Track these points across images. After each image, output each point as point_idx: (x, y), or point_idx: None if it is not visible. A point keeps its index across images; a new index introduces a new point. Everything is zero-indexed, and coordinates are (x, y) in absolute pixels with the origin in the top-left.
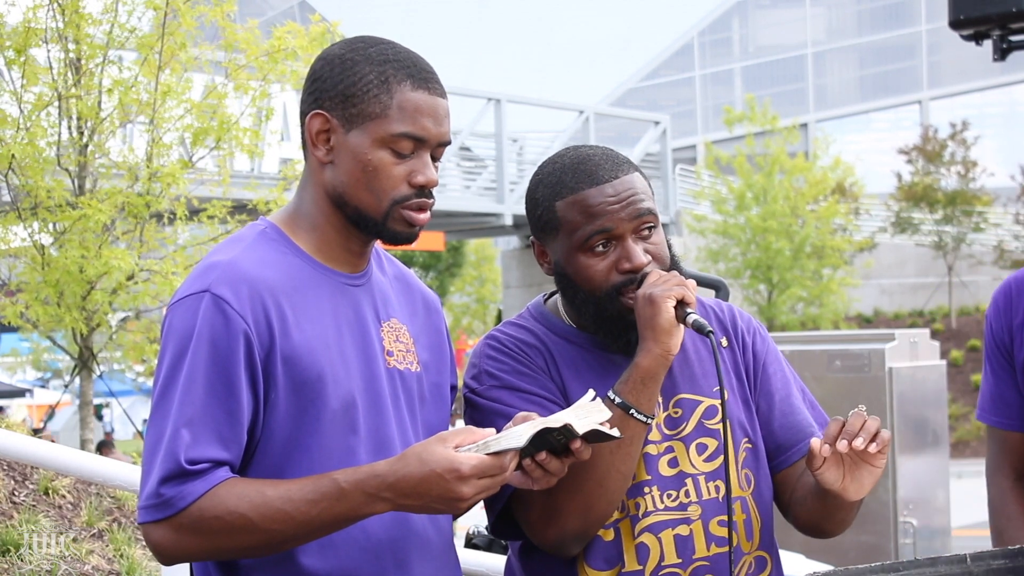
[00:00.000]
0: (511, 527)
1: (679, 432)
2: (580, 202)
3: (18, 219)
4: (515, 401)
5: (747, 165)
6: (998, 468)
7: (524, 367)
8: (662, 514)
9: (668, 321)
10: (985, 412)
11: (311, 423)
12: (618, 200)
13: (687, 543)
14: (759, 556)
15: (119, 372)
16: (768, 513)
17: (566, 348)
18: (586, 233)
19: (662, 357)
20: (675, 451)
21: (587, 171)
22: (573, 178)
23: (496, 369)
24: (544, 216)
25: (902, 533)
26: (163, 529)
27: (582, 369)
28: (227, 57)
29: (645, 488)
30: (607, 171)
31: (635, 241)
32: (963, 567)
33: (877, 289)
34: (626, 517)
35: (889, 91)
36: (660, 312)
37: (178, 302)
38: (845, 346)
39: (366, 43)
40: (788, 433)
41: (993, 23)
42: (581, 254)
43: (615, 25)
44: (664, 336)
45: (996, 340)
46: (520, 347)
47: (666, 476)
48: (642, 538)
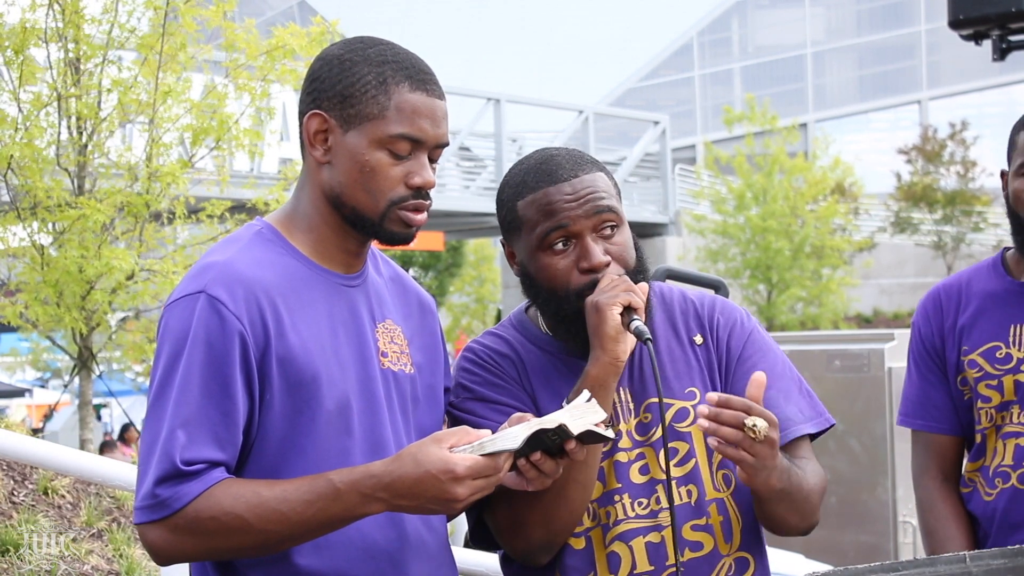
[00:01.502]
0: (488, 535)
1: (649, 438)
2: (539, 200)
3: (17, 219)
4: (487, 413)
5: (746, 165)
6: (925, 470)
7: (495, 378)
8: (633, 522)
9: (614, 328)
10: (909, 416)
11: (306, 424)
12: (575, 198)
13: (659, 550)
14: (740, 558)
15: (119, 372)
16: (751, 513)
17: (537, 356)
18: (544, 230)
19: (611, 365)
20: (646, 458)
21: (547, 170)
22: (534, 178)
23: (469, 382)
24: (508, 216)
25: (902, 533)
26: (159, 530)
27: (552, 377)
28: (227, 57)
29: (616, 496)
30: (567, 170)
31: (595, 240)
32: (962, 567)
33: (876, 289)
34: (597, 526)
35: (888, 91)
36: (605, 320)
37: (174, 303)
38: (844, 346)
39: (365, 44)
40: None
41: (992, 23)
42: (541, 253)
43: (615, 25)
44: (611, 344)
45: (926, 344)
46: (492, 358)
47: (637, 483)
48: (613, 547)
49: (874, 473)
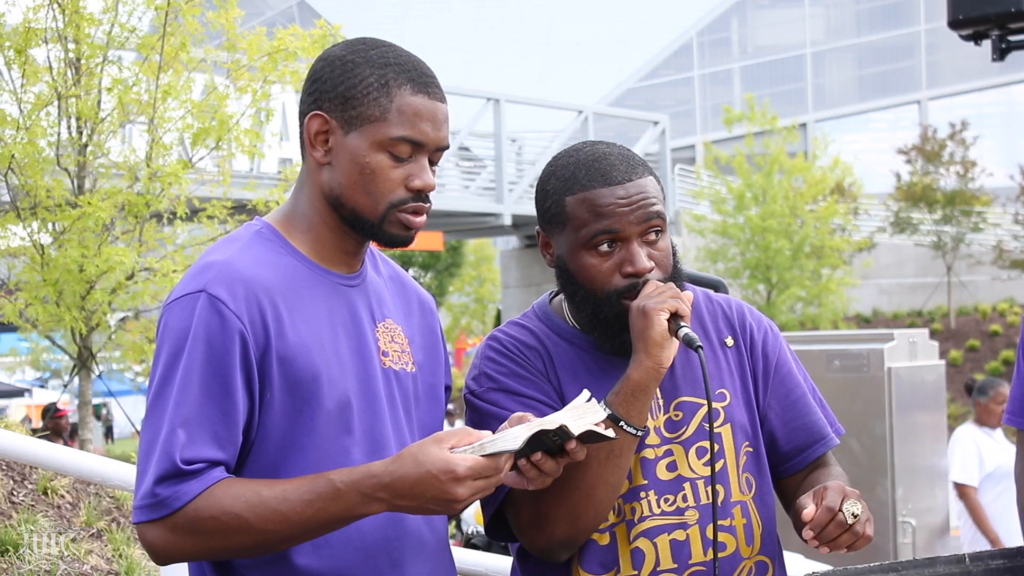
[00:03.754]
0: (506, 529)
1: (679, 435)
2: (590, 200)
3: (17, 219)
4: (511, 405)
5: (746, 165)
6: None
7: (522, 370)
8: (659, 519)
9: (660, 335)
10: (1013, 416)
11: (306, 423)
12: (628, 203)
13: (683, 548)
14: (760, 561)
15: (118, 372)
16: (770, 517)
17: (565, 349)
18: (592, 231)
19: (654, 370)
20: (674, 455)
21: (601, 170)
22: (586, 175)
23: (494, 371)
24: (553, 208)
25: (901, 533)
26: (158, 529)
27: (580, 371)
28: (230, 58)
29: (642, 493)
30: (621, 172)
31: (640, 245)
32: (962, 567)
33: (876, 289)
34: (622, 521)
35: (888, 91)
36: (652, 325)
37: (174, 302)
38: (844, 346)
39: (367, 45)
40: (801, 435)
41: (992, 23)
42: (585, 252)
43: (614, 25)
44: (656, 349)
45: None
46: (520, 349)
47: (664, 480)
48: (637, 543)
49: (874, 473)
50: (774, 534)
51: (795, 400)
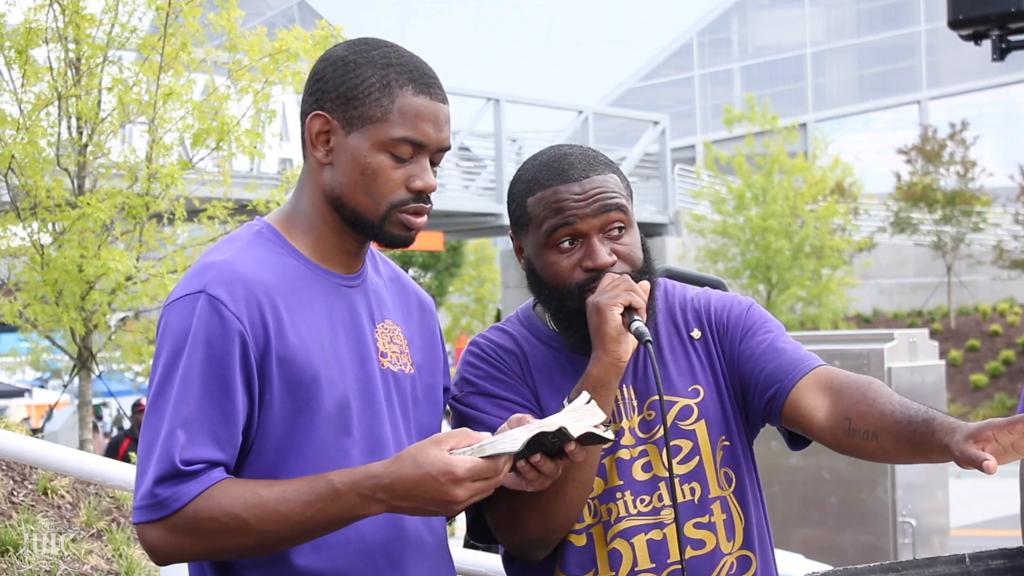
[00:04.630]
0: (485, 530)
1: (652, 435)
2: (547, 197)
3: (17, 219)
4: (489, 408)
5: (746, 165)
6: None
7: (500, 373)
8: (635, 519)
9: (615, 329)
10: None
11: (306, 424)
12: (584, 198)
13: (661, 548)
14: (742, 556)
15: (118, 372)
16: (754, 510)
17: (542, 352)
18: (550, 227)
19: (612, 365)
20: (649, 455)
21: (559, 169)
22: (546, 175)
23: (473, 376)
24: (517, 211)
25: (901, 533)
26: (158, 530)
27: (554, 373)
28: (231, 58)
29: (618, 493)
30: (578, 170)
31: (601, 241)
32: (962, 567)
33: (876, 289)
34: (599, 523)
35: (888, 91)
36: (606, 320)
37: (174, 302)
38: (844, 346)
39: (369, 45)
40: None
41: (992, 23)
42: (547, 250)
43: (614, 25)
44: (612, 345)
45: None
46: (497, 353)
47: (640, 481)
48: (615, 544)
49: (874, 473)
50: (760, 528)
51: (766, 347)
